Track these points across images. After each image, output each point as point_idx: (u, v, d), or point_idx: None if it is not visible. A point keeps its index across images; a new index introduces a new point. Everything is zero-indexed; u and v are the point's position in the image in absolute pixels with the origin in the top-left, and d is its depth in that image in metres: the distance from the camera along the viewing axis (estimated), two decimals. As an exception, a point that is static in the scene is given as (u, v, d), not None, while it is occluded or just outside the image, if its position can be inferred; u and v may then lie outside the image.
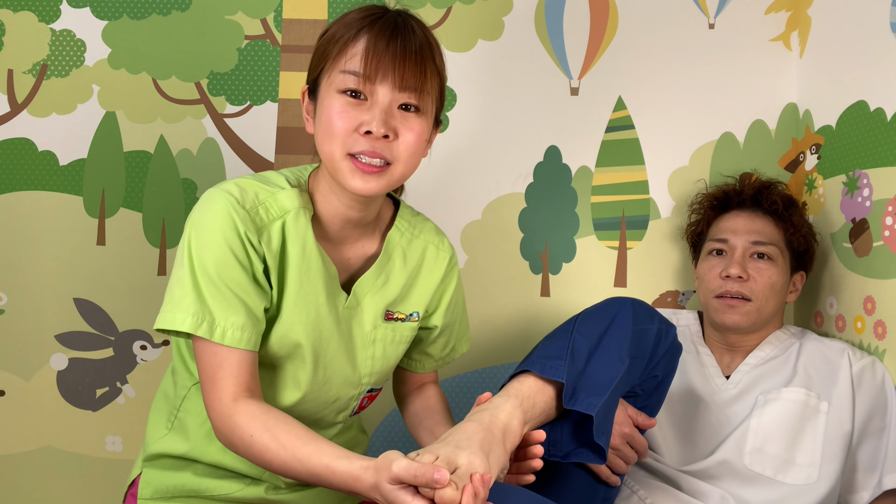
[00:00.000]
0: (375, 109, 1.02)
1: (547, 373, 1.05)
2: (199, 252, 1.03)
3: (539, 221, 1.73)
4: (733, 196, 1.56)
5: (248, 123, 1.69)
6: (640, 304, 1.17)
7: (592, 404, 1.04)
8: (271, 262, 1.07)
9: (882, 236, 1.43)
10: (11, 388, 1.66)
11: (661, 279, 1.74)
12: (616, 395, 1.09)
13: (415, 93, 1.04)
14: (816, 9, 1.68)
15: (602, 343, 1.10)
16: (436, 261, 1.24)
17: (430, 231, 1.25)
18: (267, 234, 1.06)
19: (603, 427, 1.06)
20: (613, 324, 1.12)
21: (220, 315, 1.01)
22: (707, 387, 1.46)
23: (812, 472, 1.32)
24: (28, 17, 1.65)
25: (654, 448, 1.41)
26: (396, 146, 1.04)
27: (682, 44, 1.74)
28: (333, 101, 1.04)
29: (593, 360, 1.09)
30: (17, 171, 1.65)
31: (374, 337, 1.18)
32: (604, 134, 1.74)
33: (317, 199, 1.13)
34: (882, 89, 1.45)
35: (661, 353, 1.17)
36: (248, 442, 0.98)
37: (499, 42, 1.72)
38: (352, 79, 1.03)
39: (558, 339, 1.10)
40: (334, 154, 1.04)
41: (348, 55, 1.03)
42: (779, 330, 1.52)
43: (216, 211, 1.04)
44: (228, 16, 1.68)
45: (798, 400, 1.38)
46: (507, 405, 1.02)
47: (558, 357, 1.07)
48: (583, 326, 1.12)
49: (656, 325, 1.16)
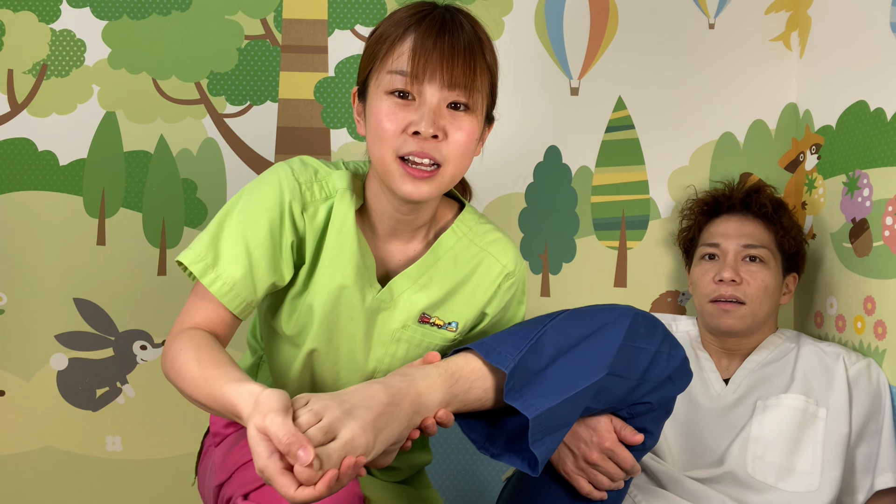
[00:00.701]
0: (424, 109, 1.00)
1: (492, 358, 0.95)
2: (236, 205, 1.05)
3: (539, 221, 1.73)
4: (723, 201, 1.57)
5: (248, 123, 1.69)
6: (645, 320, 1.03)
7: (535, 406, 0.93)
8: (310, 236, 1.08)
9: (882, 236, 1.43)
10: (11, 388, 1.66)
11: (661, 279, 1.74)
12: (575, 406, 0.96)
13: (464, 90, 1.01)
14: (816, 9, 1.68)
15: (578, 347, 0.99)
16: (489, 272, 1.16)
17: (494, 241, 1.18)
18: (314, 209, 1.07)
19: (543, 435, 0.94)
20: (601, 330, 1.00)
21: (222, 264, 1.03)
22: (707, 392, 1.47)
23: (813, 480, 1.33)
24: (28, 17, 1.65)
25: (656, 452, 1.42)
26: (446, 146, 1.02)
27: (682, 44, 1.74)
28: (382, 103, 1.02)
29: (559, 361, 0.97)
30: (17, 171, 1.65)
31: (400, 336, 1.14)
32: (604, 134, 1.74)
33: (369, 195, 1.11)
34: (882, 89, 1.45)
35: (657, 378, 1.02)
36: (174, 356, 0.97)
37: (499, 42, 1.72)
38: (399, 79, 1.01)
39: (527, 328, 1.01)
40: (385, 157, 1.02)
41: (395, 55, 1.01)
42: (773, 334, 1.52)
43: (269, 177, 1.06)
44: (228, 16, 1.68)
45: (797, 407, 1.39)
46: (432, 378, 0.93)
47: (515, 346, 0.96)
48: (564, 323, 1.01)
49: (655, 347, 1.02)
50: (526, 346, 0.96)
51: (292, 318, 1.11)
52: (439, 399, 0.93)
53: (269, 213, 1.04)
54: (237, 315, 1.05)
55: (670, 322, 1.61)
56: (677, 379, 1.05)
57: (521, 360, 0.94)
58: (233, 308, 1.04)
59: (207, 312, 1.04)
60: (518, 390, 0.94)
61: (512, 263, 1.18)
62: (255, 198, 1.05)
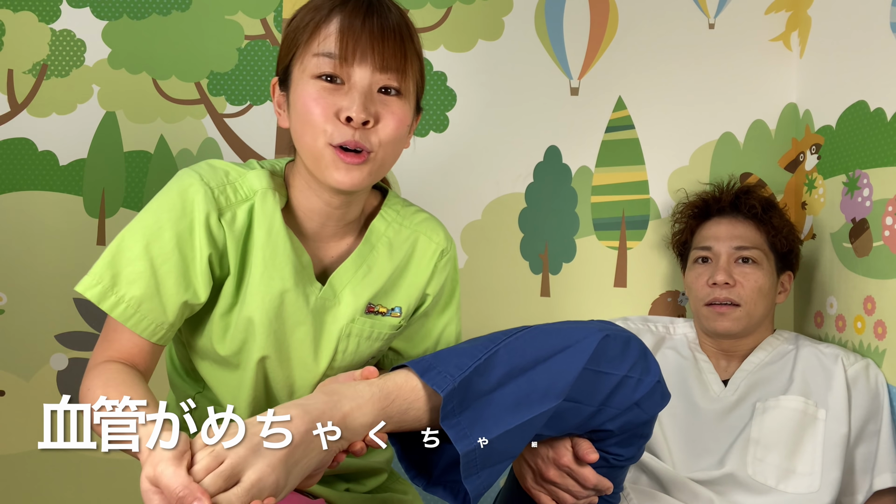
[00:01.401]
0: (354, 93, 0.95)
1: (429, 378, 0.85)
2: (141, 220, 0.98)
3: (539, 221, 1.73)
4: (713, 203, 1.57)
5: (248, 123, 1.69)
6: (616, 341, 0.92)
7: (469, 437, 0.83)
8: (232, 244, 1.01)
9: (882, 236, 1.43)
10: (11, 388, 1.66)
11: (661, 279, 1.74)
12: (520, 436, 0.87)
13: (396, 74, 0.96)
14: (816, 9, 1.68)
15: (533, 370, 0.88)
16: (425, 251, 1.14)
17: (422, 221, 1.15)
18: (231, 213, 1.00)
19: (478, 469, 0.84)
20: (562, 354, 0.89)
21: (122, 285, 0.96)
22: (706, 394, 1.47)
23: (813, 481, 1.33)
24: (28, 17, 1.65)
25: (657, 454, 1.42)
26: (376, 133, 0.97)
27: (682, 44, 1.74)
28: (307, 87, 0.96)
29: (509, 386, 0.87)
30: (17, 171, 1.65)
31: (350, 331, 1.09)
32: (604, 134, 1.74)
33: (293, 193, 1.05)
34: (882, 89, 1.45)
35: (621, 405, 0.92)
36: (83, 394, 0.90)
37: (499, 42, 1.72)
38: (326, 62, 0.95)
39: (478, 346, 0.90)
40: (315, 144, 0.96)
41: (321, 37, 0.96)
42: (772, 335, 1.53)
43: (173, 185, 1.00)
44: (228, 16, 1.68)
45: (797, 408, 1.39)
46: (363, 398, 0.83)
47: (458, 366, 0.86)
48: (521, 342, 0.90)
49: (623, 372, 0.92)
50: (471, 366, 0.86)
51: (227, 336, 1.04)
52: (369, 421, 0.83)
53: (175, 224, 0.97)
54: (153, 341, 0.98)
55: (668, 324, 1.61)
56: (646, 404, 0.94)
57: (463, 381, 0.84)
58: (142, 333, 0.97)
59: (121, 342, 0.97)
60: (455, 416, 0.84)
61: (444, 240, 1.15)
62: (160, 209, 0.98)
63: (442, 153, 1.70)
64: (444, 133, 1.71)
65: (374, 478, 1.20)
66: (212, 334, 1.05)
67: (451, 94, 1.71)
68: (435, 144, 1.71)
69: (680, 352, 1.54)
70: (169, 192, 0.99)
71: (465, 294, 1.69)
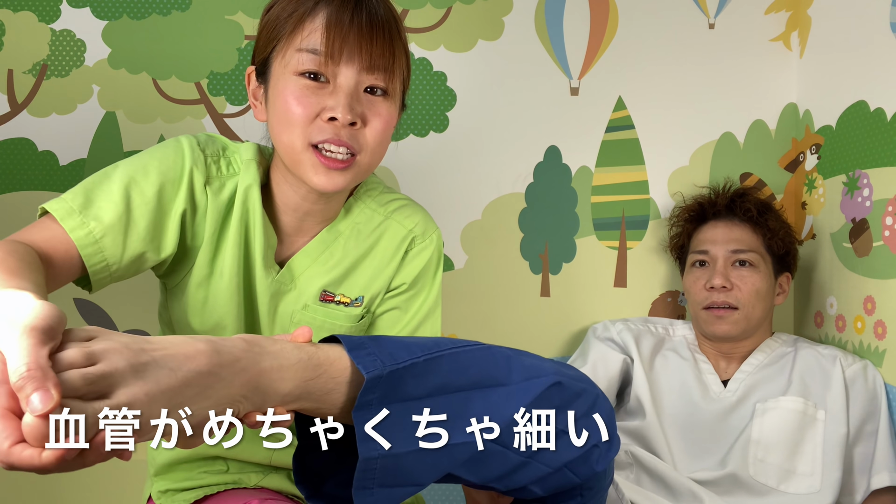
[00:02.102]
0: (340, 94, 0.90)
1: (357, 357, 0.69)
2: (130, 162, 0.96)
3: (539, 221, 1.73)
4: (708, 207, 1.57)
5: (248, 123, 1.69)
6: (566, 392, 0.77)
7: (369, 444, 0.67)
8: (213, 213, 0.98)
9: (882, 236, 1.43)
10: (11, 388, 1.66)
11: (661, 279, 1.74)
12: (431, 465, 0.71)
13: (383, 73, 0.92)
14: (816, 9, 1.68)
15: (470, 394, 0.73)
16: (393, 238, 1.07)
17: (398, 208, 1.09)
18: (219, 183, 0.98)
19: (374, 484, 0.68)
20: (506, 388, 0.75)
21: (93, 211, 0.90)
22: (707, 395, 1.47)
23: (814, 482, 1.33)
24: (28, 17, 1.65)
25: (657, 454, 1.42)
26: (363, 135, 0.93)
27: (682, 44, 1.74)
28: (289, 84, 0.91)
29: (439, 401, 0.71)
30: (17, 171, 1.65)
31: (301, 319, 1.04)
32: (604, 134, 1.74)
33: (272, 184, 1.02)
34: (882, 89, 1.45)
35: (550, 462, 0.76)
36: None
37: (499, 42, 1.72)
38: (310, 58, 0.90)
39: (421, 345, 0.74)
40: (294, 145, 0.92)
41: (305, 31, 0.90)
42: (770, 338, 1.53)
43: (170, 141, 0.98)
44: (228, 16, 1.68)
45: (797, 409, 1.39)
46: (287, 360, 0.67)
47: (393, 356, 0.71)
48: (469, 358, 0.76)
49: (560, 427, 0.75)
50: (407, 361, 0.71)
51: (204, 310, 1.01)
52: (287, 390, 0.67)
53: (162, 174, 0.94)
54: (90, 276, 0.90)
55: (667, 326, 1.61)
56: (578, 468, 0.77)
57: (393, 374, 0.69)
58: (88, 263, 0.89)
59: (54, 242, 0.87)
60: (375, 408, 0.68)
61: (420, 227, 1.08)
62: (151, 157, 0.96)
63: (442, 153, 1.70)
64: (444, 133, 1.71)
65: None
66: (187, 307, 1.02)
67: (451, 94, 1.71)
68: (435, 144, 1.71)
69: (680, 353, 1.54)
70: (165, 146, 0.98)
71: (465, 294, 1.69)
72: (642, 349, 1.54)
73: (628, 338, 1.56)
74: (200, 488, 1.11)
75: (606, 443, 0.79)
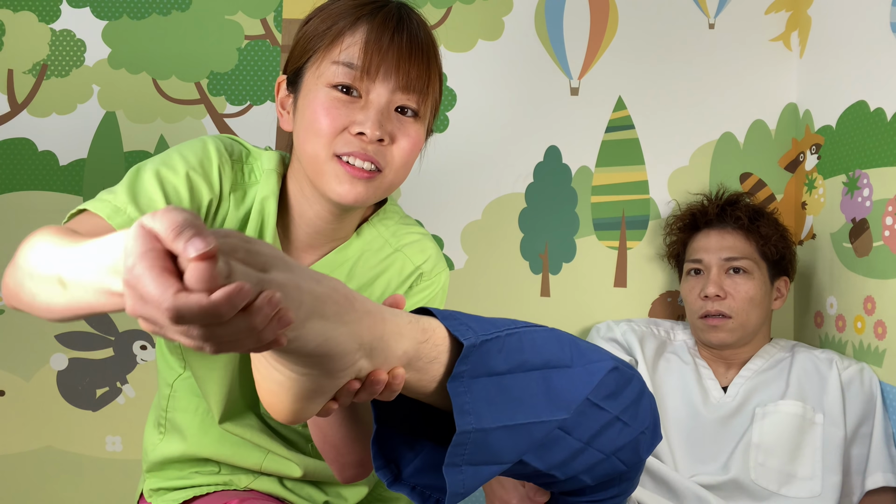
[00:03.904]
0: (371, 109, 0.90)
1: (452, 326, 0.70)
2: (160, 160, 0.95)
3: (539, 221, 1.73)
4: (700, 216, 1.57)
5: (248, 123, 1.69)
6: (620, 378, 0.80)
7: (471, 417, 0.68)
8: (232, 220, 0.97)
9: (882, 236, 1.43)
10: (11, 388, 1.66)
11: (661, 280, 1.74)
12: (514, 444, 0.72)
13: (417, 95, 0.92)
14: (816, 9, 1.68)
15: (547, 372, 0.75)
16: (400, 273, 1.05)
17: (410, 242, 1.07)
18: (242, 192, 0.98)
19: (463, 461, 0.69)
20: (576, 369, 0.77)
21: (133, 207, 0.91)
22: (707, 399, 1.48)
23: (815, 486, 1.34)
24: (28, 17, 1.65)
25: (659, 457, 1.42)
26: (390, 152, 0.92)
27: (682, 44, 1.74)
28: (320, 94, 0.91)
29: (521, 377, 0.73)
30: (17, 171, 1.65)
31: None
32: (604, 134, 1.74)
33: (289, 196, 1.00)
34: (882, 89, 1.45)
35: (604, 448, 0.80)
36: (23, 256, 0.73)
37: (499, 42, 1.72)
38: (346, 72, 0.89)
39: (497, 322, 0.76)
40: (318, 154, 0.91)
41: (344, 44, 0.90)
42: (769, 344, 1.53)
43: (201, 140, 0.97)
44: (228, 16, 1.68)
45: (796, 413, 1.39)
46: (402, 324, 0.67)
47: (481, 327, 0.72)
48: (542, 338, 0.78)
49: (615, 413, 0.79)
50: (494, 334, 0.72)
51: None
52: (403, 349, 0.67)
53: (194, 168, 0.93)
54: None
55: (669, 329, 1.62)
56: (624, 454, 0.81)
57: (484, 344, 0.70)
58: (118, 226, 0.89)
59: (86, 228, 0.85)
60: (464, 383, 0.68)
61: (430, 263, 1.06)
62: (180, 154, 0.95)
63: (442, 153, 1.70)
64: (444, 133, 1.71)
65: (355, 489, 1.16)
66: None
67: (451, 94, 1.71)
68: (435, 144, 1.70)
69: (681, 357, 1.55)
70: (192, 145, 0.96)
71: (465, 294, 1.69)
72: (646, 351, 1.55)
73: (633, 339, 1.56)
74: (191, 488, 1.12)
75: (651, 430, 0.82)
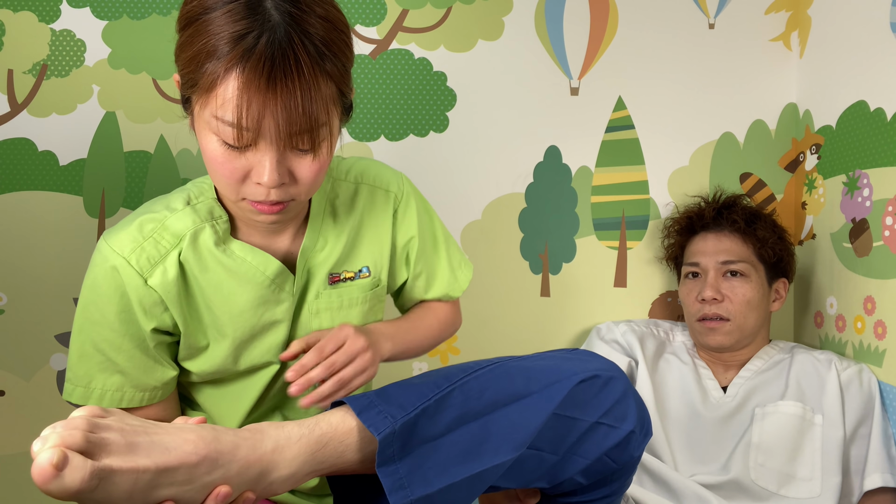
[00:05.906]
0: (264, 160, 0.85)
1: (366, 418, 0.74)
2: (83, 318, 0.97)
3: (539, 221, 1.73)
4: (696, 220, 1.58)
5: (248, 123, 1.69)
6: (593, 386, 0.81)
7: (407, 489, 0.72)
8: (171, 298, 0.96)
9: (882, 236, 1.43)
10: (11, 388, 1.66)
11: (661, 279, 1.74)
12: (466, 493, 0.75)
13: (308, 136, 0.84)
14: (816, 9, 1.68)
15: (490, 416, 0.76)
16: (374, 200, 1.07)
17: (360, 171, 1.08)
18: (161, 268, 0.96)
19: None
20: (527, 399, 0.78)
21: (97, 381, 0.98)
22: (707, 400, 1.48)
23: (814, 486, 1.34)
24: (28, 17, 1.65)
25: (660, 457, 1.42)
26: (296, 184, 0.89)
27: (682, 44, 1.74)
28: (211, 143, 0.86)
29: (458, 433, 0.75)
30: (17, 171, 1.65)
31: (318, 307, 1.04)
32: (604, 134, 1.74)
33: (229, 206, 0.99)
34: (882, 89, 1.45)
35: (588, 454, 0.81)
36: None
37: (499, 42, 1.72)
38: (227, 130, 0.83)
39: (430, 383, 0.78)
40: (227, 195, 0.91)
41: (218, 98, 0.82)
42: (768, 345, 1.53)
43: (99, 273, 0.96)
44: (228, 16, 1.68)
45: (795, 413, 1.40)
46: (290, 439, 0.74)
47: (402, 406, 0.75)
48: (481, 383, 0.78)
49: (594, 419, 0.81)
50: (418, 406, 0.75)
51: (241, 360, 1.03)
52: (293, 469, 0.73)
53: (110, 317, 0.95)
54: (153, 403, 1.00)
55: (668, 330, 1.62)
56: (616, 454, 0.82)
57: (406, 425, 0.73)
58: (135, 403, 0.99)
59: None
60: (393, 463, 0.72)
61: (394, 185, 1.09)
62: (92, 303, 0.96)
63: (442, 153, 1.70)
64: (444, 133, 1.71)
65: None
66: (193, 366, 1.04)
67: (451, 94, 1.71)
68: (435, 144, 1.71)
69: (680, 357, 1.55)
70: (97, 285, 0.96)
71: (465, 294, 1.69)
72: (646, 351, 1.55)
73: (633, 339, 1.56)
74: None
75: (641, 427, 0.84)
